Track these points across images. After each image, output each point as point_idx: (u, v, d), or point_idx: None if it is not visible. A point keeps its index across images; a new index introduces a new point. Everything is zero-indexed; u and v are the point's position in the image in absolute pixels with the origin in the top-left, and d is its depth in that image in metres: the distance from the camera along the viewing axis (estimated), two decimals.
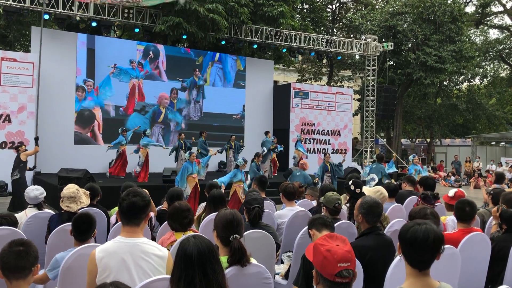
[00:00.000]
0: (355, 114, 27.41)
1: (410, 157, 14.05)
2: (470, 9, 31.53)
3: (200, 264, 2.18)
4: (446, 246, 3.45)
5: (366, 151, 21.06)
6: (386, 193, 5.38)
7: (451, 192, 5.12)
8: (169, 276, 2.27)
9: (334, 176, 11.86)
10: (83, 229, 3.40)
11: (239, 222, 2.87)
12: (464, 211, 4.13)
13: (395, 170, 13.22)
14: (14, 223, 4.20)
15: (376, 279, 3.31)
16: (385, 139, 29.42)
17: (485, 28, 33.43)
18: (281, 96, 19.47)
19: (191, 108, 17.83)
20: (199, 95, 17.98)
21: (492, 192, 5.63)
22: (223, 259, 2.64)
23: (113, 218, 4.72)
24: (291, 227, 4.88)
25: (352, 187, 5.58)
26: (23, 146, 10.83)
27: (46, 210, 4.96)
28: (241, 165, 9.39)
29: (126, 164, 13.73)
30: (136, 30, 16.60)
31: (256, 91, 19.32)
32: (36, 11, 14.72)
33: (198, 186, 9.84)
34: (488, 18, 32.86)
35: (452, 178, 22.62)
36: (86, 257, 2.73)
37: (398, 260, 2.93)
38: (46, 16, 14.83)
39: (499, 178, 8.52)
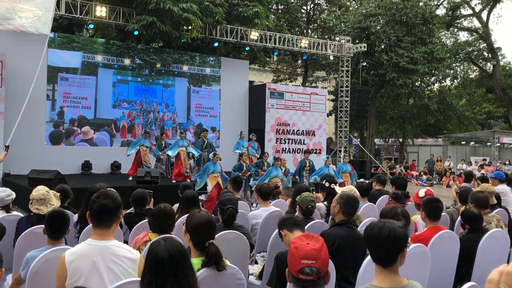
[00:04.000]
0: (329, 114, 27.65)
1: (324, 157, 13.20)
2: (441, 11, 32.20)
3: (172, 267, 2.14)
4: (416, 244, 3.53)
5: (340, 151, 21.25)
6: (358, 192, 5.46)
7: (421, 192, 4.94)
8: (139, 279, 2.24)
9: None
10: (57, 227, 3.32)
11: (214, 225, 2.81)
12: (434, 210, 4.18)
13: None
14: None
15: (341, 269, 3.31)
16: (358, 139, 29.78)
17: (455, 30, 34.18)
18: (257, 96, 19.48)
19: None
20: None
21: (459, 191, 5.76)
22: (195, 261, 2.61)
23: (75, 217, 4.55)
24: (265, 227, 4.89)
25: (327, 184, 5.67)
26: None
27: (15, 212, 4.84)
28: (212, 158, 10.59)
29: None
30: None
31: (232, 91, 19.29)
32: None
33: (221, 185, 10.21)
34: (458, 21, 33.60)
35: (424, 177, 23.08)
36: (56, 261, 2.67)
37: (370, 259, 2.96)
38: None
39: (468, 177, 8.74)
